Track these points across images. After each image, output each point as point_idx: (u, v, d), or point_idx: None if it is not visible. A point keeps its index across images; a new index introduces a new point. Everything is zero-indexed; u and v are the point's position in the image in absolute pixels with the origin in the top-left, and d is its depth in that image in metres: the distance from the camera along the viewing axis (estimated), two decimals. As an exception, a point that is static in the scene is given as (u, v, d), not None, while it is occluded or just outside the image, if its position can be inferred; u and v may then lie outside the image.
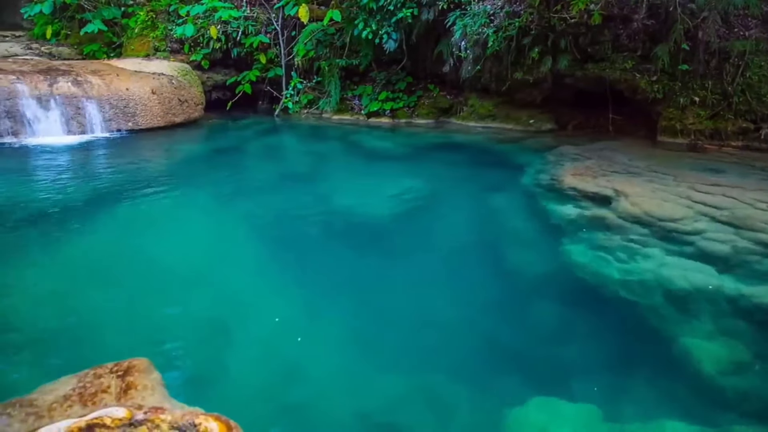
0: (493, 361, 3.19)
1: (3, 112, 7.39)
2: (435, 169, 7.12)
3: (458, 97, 10.22)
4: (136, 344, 3.12)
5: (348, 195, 6.06)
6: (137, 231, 4.93)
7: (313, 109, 10.72)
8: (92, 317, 3.43)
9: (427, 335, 3.42)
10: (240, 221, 5.32)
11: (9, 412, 1.80)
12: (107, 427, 1.64)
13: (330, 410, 2.75)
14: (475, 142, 8.64)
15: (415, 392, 2.87)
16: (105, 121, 8.19)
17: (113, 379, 2.04)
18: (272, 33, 10.90)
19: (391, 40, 9.30)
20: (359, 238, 4.89)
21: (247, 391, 2.84)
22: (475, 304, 3.80)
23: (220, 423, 1.68)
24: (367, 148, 8.34)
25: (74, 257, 4.28)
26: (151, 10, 10.84)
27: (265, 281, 4.06)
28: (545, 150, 7.49)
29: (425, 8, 9.03)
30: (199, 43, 10.54)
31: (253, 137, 9.27)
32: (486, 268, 4.38)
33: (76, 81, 8.11)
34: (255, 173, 7.28)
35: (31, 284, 3.79)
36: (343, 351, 3.24)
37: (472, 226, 5.33)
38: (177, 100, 9.14)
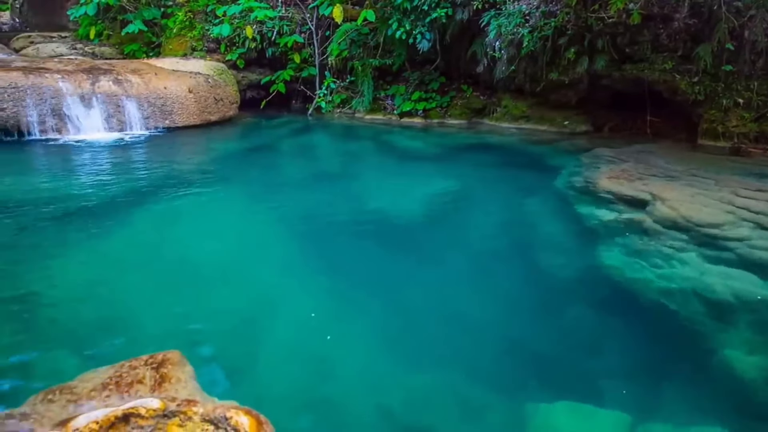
0: (522, 364, 3.15)
1: (48, 109, 7.64)
2: (467, 169, 7.07)
3: (491, 97, 10.14)
4: (170, 337, 3.18)
5: (379, 195, 6.07)
6: (173, 226, 5.04)
7: (345, 109, 10.78)
8: (129, 309, 3.52)
9: (456, 336, 3.40)
10: (272, 219, 5.38)
11: (50, 398, 1.86)
12: (142, 417, 1.69)
13: (357, 407, 2.76)
14: (508, 143, 8.55)
15: (442, 392, 2.86)
16: (143, 119, 8.39)
17: (148, 371, 2.09)
18: (307, 33, 11.00)
19: (425, 40, 9.28)
20: (390, 238, 4.89)
21: (276, 386, 2.87)
22: (505, 306, 3.76)
23: (251, 417, 1.70)
24: (399, 148, 8.34)
25: (112, 251, 4.39)
26: (189, 11, 11.07)
27: (296, 278, 4.10)
28: (580, 152, 7.36)
29: (459, 8, 8.97)
30: (235, 43, 10.71)
31: (287, 136, 9.37)
32: (517, 271, 4.33)
33: (117, 80, 8.33)
34: (288, 171, 7.35)
35: (72, 276, 3.91)
36: (371, 349, 3.24)
37: (503, 228, 5.27)
38: (213, 98, 9.31)
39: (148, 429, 1.67)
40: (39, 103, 7.57)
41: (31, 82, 7.59)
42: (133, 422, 1.67)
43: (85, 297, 3.64)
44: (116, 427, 1.65)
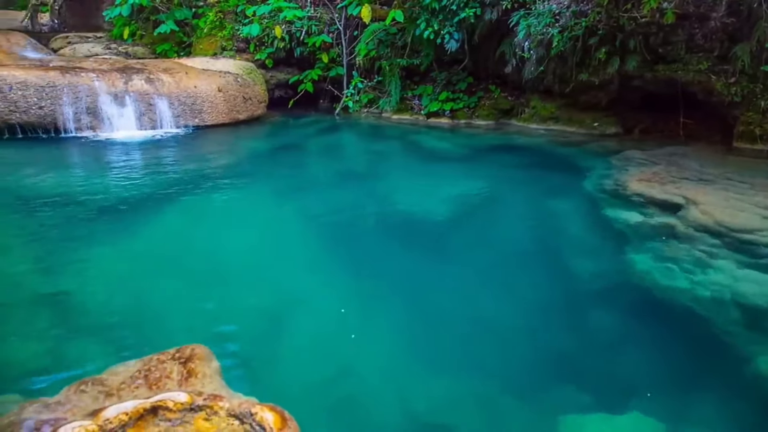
0: (548, 369, 3.11)
1: (84, 108, 7.84)
2: (494, 171, 7.02)
3: (520, 98, 10.03)
4: (197, 332, 3.23)
5: (405, 195, 6.06)
6: (202, 223, 5.12)
7: (373, 109, 10.80)
8: (157, 303, 3.59)
9: (480, 338, 3.37)
10: (298, 217, 5.42)
11: (83, 389, 1.90)
12: (170, 410, 1.72)
13: (380, 408, 2.76)
14: (536, 144, 8.45)
15: (466, 395, 2.84)
16: (174, 117, 8.54)
17: (175, 365, 2.13)
18: (335, 33, 11.05)
19: (453, 40, 9.23)
20: (416, 238, 4.88)
21: (300, 383, 2.89)
22: (531, 309, 3.72)
23: (276, 414, 1.72)
24: (426, 149, 8.32)
25: (142, 246, 4.48)
26: (220, 11, 11.22)
27: (322, 277, 4.13)
28: (609, 154, 7.24)
29: (488, 8, 8.90)
30: (264, 43, 10.82)
31: (314, 135, 9.43)
32: (544, 274, 4.27)
33: (149, 79, 8.50)
34: (315, 170, 7.40)
35: (103, 270, 4.00)
36: (394, 349, 3.24)
37: (530, 231, 5.21)
38: (242, 97, 9.43)
39: (175, 422, 1.70)
40: (75, 101, 7.77)
41: (67, 81, 7.79)
42: (161, 414, 1.70)
43: (115, 291, 3.73)
44: (145, 419, 1.69)
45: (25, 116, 7.51)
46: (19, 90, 7.46)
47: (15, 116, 7.46)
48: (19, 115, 7.47)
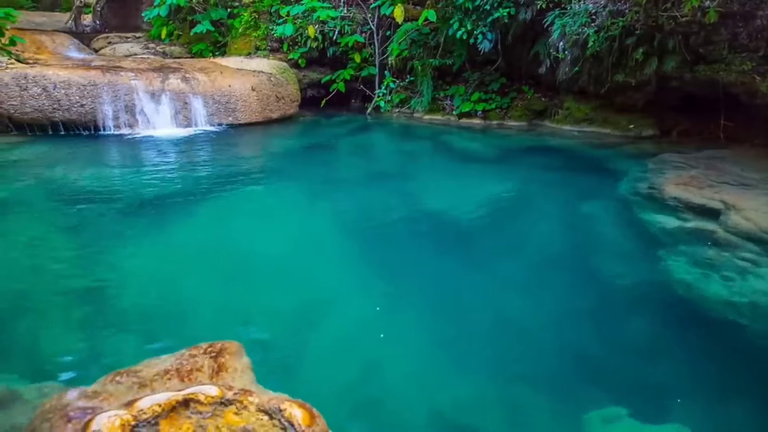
0: (579, 374, 3.06)
1: (122, 106, 8.05)
2: (526, 172, 6.94)
3: (553, 99, 9.89)
4: (227, 327, 3.29)
5: (435, 195, 6.04)
6: (233, 220, 5.20)
7: (404, 109, 10.80)
8: (189, 298, 3.67)
9: (508, 341, 3.34)
10: (329, 216, 5.46)
11: (118, 380, 1.96)
12: (201, 403, 1.75)
13: (406, 407, 2.76)
14: (570, 146, 8.32)
15: (493, 397, 2.82)
16: (208, 116, 8.70)
17: (207, 359, 2.16)
18: (367, 32, 11.08)
19: (486, 41, 9.16)
20: (445, 239, 4.86)
21: (327, 381, 2.91)
22: (562, 313, 3.66)
23: (304, 410, 1.73)
24: (457, 149, 8.28)
25: (176, 242, 4.58)
26: (255, 11, 11.37)
27: (351, 276, 4.15)
28: (645, 157, 7.08)
29: (522, 8, 8.80)
30: (297, 42, 10.92)
31: (345, 134, 9.48)
32: (575, 277, 4.21)
33: (185, 78, 8.67)
34: (345, 170, 7.44)
35: (138, 265, 4.10)
36: (422, 349, 3.24)
37: (562, 233, 5.14)
38: (274, 96, 9.54)
39: (206, 414, 1.73)
40: (114, 99, 7.99)
41: (107, 80, 8.02)
42: (193, 407, 1.73)
43: (149, 285, 3.82)
44: (177, 411, 1.72)
45: (67, 114, 7.76)
46: (63, 88, 7.71)
47: (58, 114, 7.72)
48: (62, 112, 7.73)
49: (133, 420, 1.64)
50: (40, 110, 7.64)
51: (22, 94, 7.56)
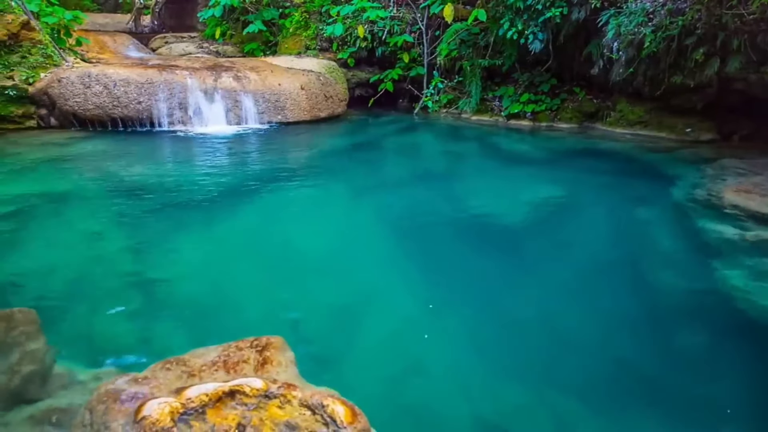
0: (626, 385, 2.96)
1: (177, 103, 8.32)
2: (575, 175, 6.77)
3: (606, 101, 9.62)
4: (273, 321, 3.35)
5: (481, 197, 5.98)
6: (280, 216, 5.29)
7: (452, 109, 10.73)
8: (236, 292, 3.75)
9: (552, 348, 3.26)
10: (373, 214, 5.48)
11: (168, 368, 2.02)
12: (246, 395, 1.78)
13: (447, 410, 2.74)
14: (622, 149, 8.07)
15: (535, 405, 2.76)
16: (258, 114, 8.88)
17: (252, 353, 2.21)
18: (416, 32, 11.08)
19: (537, 41, 8.99)
20: (491, 242, 4.80)
21: (369, 380, 2.92)
22: (611, 322, 3.55)
23: (347, 408, 1.74)
24: (505, 151, 8.17)
25: (224, 236, 4.70)
26: (305, 11, 11.55)
27: (395, 275, 4.15)
28: (703, 162, 6.79)
29: (576, 7, 8.60)
30: (347, 42, 11.02)
31: (392, 134, 9.50)
32: (625, 285, 4.07)
33: (237, 76, 8.88)
34: (391, 169, 7.45)
35: (187, 258, 4.23)
36: (464, 353, 3.20)
37: (612, 239, 4.99)
38: (323, 95, 9.65)
39: (250, 406, 1.76)
40: (169, 97, 8.26)
41: (163, 78, 8.30)
42: (238, 398, 1.77)
43: (198, 277, 3.93)
44: (223, 401, 1.76)
45: (125, 110, 8.07)
46: (122, 86, 8.03)
47: (117, 110, 8.04)
48: (120, 109, 8.05)
49: (181, 408, 1.70)
50: (101, 107, 7.99)
51: (85, 91, 7.93)
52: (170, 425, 1.64)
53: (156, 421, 1.64)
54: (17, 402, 2.28)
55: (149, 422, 1.64)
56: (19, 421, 2.16)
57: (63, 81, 7.92)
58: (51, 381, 2.47)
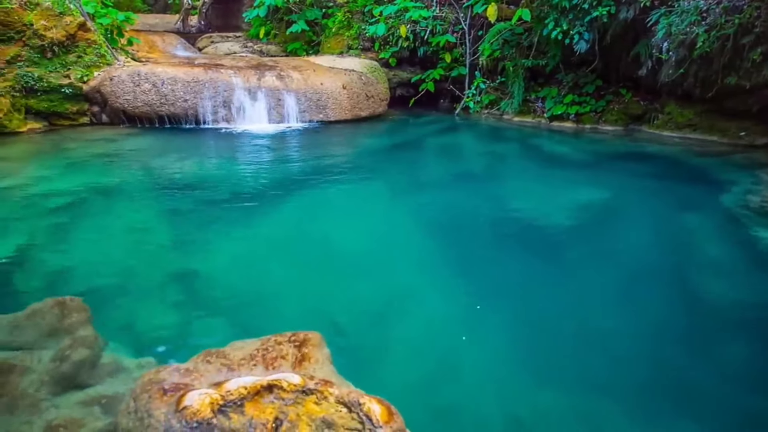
0: (667, 396, 2.86)
1: (221, 101, 8.51)
2: (620, 179, 6.59)
3: (653, 103, 9.33)
4: (310, 317, 3.38)
5: (522, 199, 5.89)
6: (319, 214, 5.35)
7: (493, 110, 10.62)
8: (274, 287, 3.81)
9: (592, 356, 3.18)
10: (411, 214, 5.47)
11: (208, 359, 2.07)
12: (284, 389, 1.81)
13: (482, 413, 2.71)
14: (670, 153, 7.81)
15: (572, 411, 2.70)
16: (300, 112, 8.99)
17: (290, 348, 2.24)
18: (459, 32, 11.00)
19: (583, 41, 8.79)
20: (530, 245, 4.72)
21: (404, 380, 2.91)
22: (653, 330, 3.44)
23: (383, 407, 1.74)
24: (547, 153, 8.03)
25: (264, 232, 4.78)
26: (348, 11, 11.62)
27: (432, 275, 4.13)
28: (757, 167, 6.51)
29: (624, 6, 8.36)
30: (389, 42, 11.03)
31: (433, 134, 9.46)
32: (670, 294, 3.94)
33: (280, 75, 9.02)
34: (430, 169, 7.42)
35: (228, 252, 4.32)
36: (501, 356, 3.16)
37: (657, 246, 4.83)
38: (364, 95, 9.69)
39: (288, 401, 1.78)
40: (214, 95, 8.46)
41: (209, 77, 8.50)
42: (276, 393, 1.80)
43: (238, 271, 4.01)
44: (261, 395, 1.79)
45: (172, 108, 8.31)
46: (170, 85, 8.27)
47: (164, 108, 8.28)
48: (168, 106, 8.28)
49: (221, 399, 1.73)
50: (149, 104, 8.24)
51: (135, 89, 8.19)
52: (210, 416, 1.68)
53: (197, 412, 1.68)
54: (67, 387, 2.38)
55: (190, 412, 1.68)
56: (69, 405, 2.25)
57: (114, 79, 8.21)
58: (99, 368, 2.56)
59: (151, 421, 1.71)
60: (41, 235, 4.38)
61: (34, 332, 2.68)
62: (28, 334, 2.66)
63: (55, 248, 4.20)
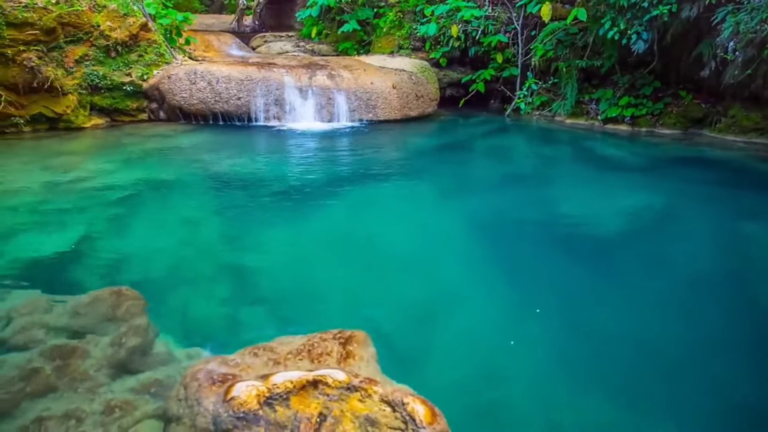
0: (727, 420, 2.72)
1: (273, 100, 8.67)
2: (677, 185, 6.34)
3: (716, 105, 8.92)
4: (355, 315, 3.40)
5: (572, 203, 5.75)
6: (366, 213, 5.37)
7: (545, 112, 10.40)
8: (320, 284, 3.85)
9: (640, 367, 3.07)
10: (458, 216, 5.42)
11: (255, 353, 2.11)
12: (329, 385, 1.82)
13: (524, 418, 2.66)
14: (733, 159, 7.45)
15: (617, 425, 2.61)
16: (349, 111, 9.06)
17: (336, 345, 2.25)
18: (511, 32, 10.83)
19: (641, 41, 8.49)
20: (581, 250, 4.60)
21: (449, 380, 2.89)
22: (709, 343, 3.29)
23: (427, 408, 1.73)
24: (600, 156, 7.80)
25: (313, 229, 4.84)
26: (400, 11, 11.63)
27: (478, 278, 4.08)
28: (831, 175, 6.13)
29: (687, 4, 8.03)
30: (440, 42, 10.97)
31: (482, 135, 9.36)
32: (728, 306, 3.75)
33: (330, 74, 9.11)
34: (479, 171, 7.34)
35: (275, 249, 4.40)
36: (546, 361, 3.09)
37: (716, 255, 4.61)
38: (414, 95, 9.68)
39: (332, 397, 1.79)
40: (266, 93, 8.63)
41: (262, 76, 8.68)
42: (321, 388, 1.81)
43: (286, 267, 4.08)
44: (306, 390, 1.81)
45: (226, 106, 8.53)
46: (224, 83, 8.49)
47: (218, 105, 8.51)
48: (221, 104, 8.51)
49: (267, 392, 1.76)
50: (204, 102, 8.49)
51: (191, 87, 8.46)
52: (256, 408, 1.70)
53: (243, 403, 1.71)
54: (121, 372, 2.48)
55: (237, 403, 1.72)
56: (123, 390, 2.35)
57: (172, 77, 8.50)
58: (151, 355, 2.66)
59: (200, 409, 1.76)
60: (101, 226, 4.58)
61: (93, 318, 2.80)
62: (88, 320, 2.79)
63: (113, 239, 4.38)
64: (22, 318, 2.76)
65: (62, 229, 4.42)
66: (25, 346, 2.56)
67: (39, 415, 2.14)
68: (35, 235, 4.30)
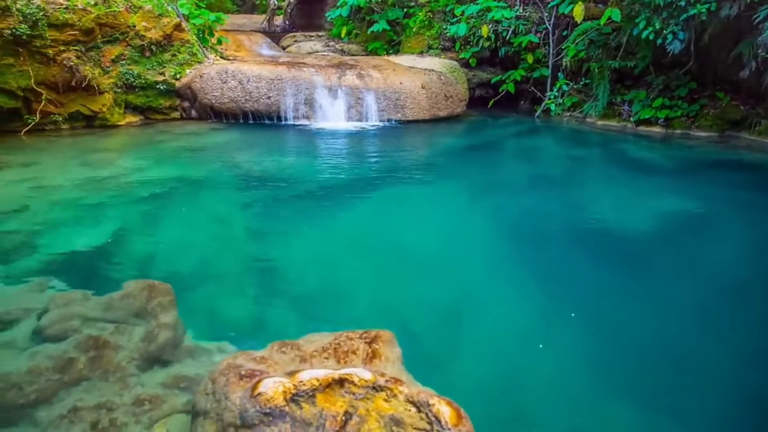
0: (751, 427, 2.64)
1: (302, 99, 8.74)
2: (712, 189, 6.17)
3: (755, 107, 8.66)
4: (381, 315, 3.41)
5: (602, 206, 5.65)
6: (393, 212, 5.37)
7: (576, 113, 10.25)
8: (347, 284, 3.87)
9: (669, 375, 2.99)
10: (485, 217, 5.39)
11: (283, 350, 2.13)
12: (354, 384, 1.83)
13: (549, 423, 2.63)
14: (772, 162, 7.23)
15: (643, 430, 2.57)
16: (378, 111, 9.07)
17: (362, 344, 2.26)
18: (542, 32, 10.70)
19: (677, 41, 8.29)
20: (611, 254, 4.52)
21: (474, 382, 2.87)
22: (743, 353, 3.19)
23: (452, 409, 1.73)
24: (632, 159, 7.65)
25: (340, 228, 4.87)
26: (429, 11, 11.60)
27: (505, 279, 4.05)
28: None
29: (727, 2, 7.80)
30: (470, 42, 10.91)
31: (511, 136, 9.27)
32: (763, 315, 3.64)
33: (360, 74, 9.14)
34: (507, 172, 7.27)
35: (303, 247, 4.43)
36: (573, 365, 3.05)
37: (752, 262, 4.47)
38: (443, 95, 9.64)
39: (358, 396, 1.80)
40: (296, 93, 8.70)
41: (292, 75, 8.76)
42: (347, 387, 1.82)
43: (313, 266, 4.11)
44: (332, 388, 1.82)
45: (256, 104, 8.63)
46: (255, 82, 8.60)
47: (249, 104, 8.63)
48: (252, 103, 8.62)
49: (293, 389, 1.78)
50: (235, 101, 8.61)
51: (222, 86, 8.59)
52: (283, 404, 1.72)
53: (270, 398, 1.73)
54: (152, 365, 2.54)
55: (264, 398, 1.74)
56: (153, 382, 2.40)
57: (204, 76, 8.64)
58: (180, 349, 2.71)
59: (228, 403, 1.79)
60: (133, 221, 4.69)
61: (125, 311, 2.87)
62: (121, 313, 2.86)
63: (145, 234, 4.48)
64: (59, 309, 2.85)
65: (97, 223, 4.54)
66: (62, 336, 2.64)
67: (74, 405, 2.21)
68: (72, 229, 4.43)
